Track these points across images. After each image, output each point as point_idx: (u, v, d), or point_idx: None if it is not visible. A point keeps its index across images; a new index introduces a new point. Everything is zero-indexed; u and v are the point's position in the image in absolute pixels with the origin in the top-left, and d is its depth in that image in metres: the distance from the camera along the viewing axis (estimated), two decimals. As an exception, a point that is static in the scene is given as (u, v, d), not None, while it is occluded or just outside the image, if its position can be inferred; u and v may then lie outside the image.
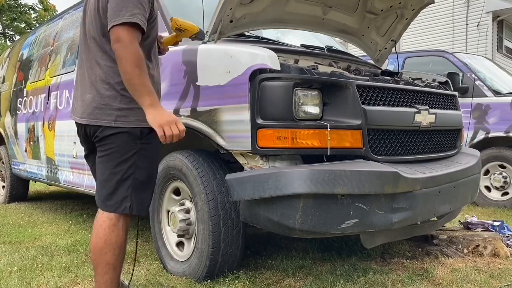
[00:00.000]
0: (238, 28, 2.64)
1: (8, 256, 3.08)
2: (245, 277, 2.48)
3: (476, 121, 5.10)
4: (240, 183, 2.13)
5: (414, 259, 2.87)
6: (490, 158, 5.00)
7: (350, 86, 2.18)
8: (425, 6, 3.05)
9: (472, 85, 5.15)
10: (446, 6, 11.86)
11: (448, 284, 2.41)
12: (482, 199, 5.02)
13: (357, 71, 2.58)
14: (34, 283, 2.50)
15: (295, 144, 2.09)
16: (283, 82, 2.12)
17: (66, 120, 3.95)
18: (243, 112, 2.17)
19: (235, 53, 2.27)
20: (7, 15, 22.40)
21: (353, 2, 2.95)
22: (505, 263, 2.78)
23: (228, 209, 2.38)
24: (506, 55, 12.83)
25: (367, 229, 2.10)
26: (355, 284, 2.42)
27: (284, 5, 2.75)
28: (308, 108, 2.13)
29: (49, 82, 4.43)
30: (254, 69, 2.16)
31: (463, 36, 11.72)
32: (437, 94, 2.79)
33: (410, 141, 2.49)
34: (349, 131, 2.16)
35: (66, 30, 4.49)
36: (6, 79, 5.92)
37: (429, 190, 2.31)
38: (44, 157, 4.43)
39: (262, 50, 2.22)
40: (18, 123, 5.14)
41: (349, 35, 3.29)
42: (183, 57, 2.56)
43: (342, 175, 2.00)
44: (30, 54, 5.37)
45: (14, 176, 5.54)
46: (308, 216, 2.00)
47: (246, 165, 2.25)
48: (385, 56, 3.47)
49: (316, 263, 2.80)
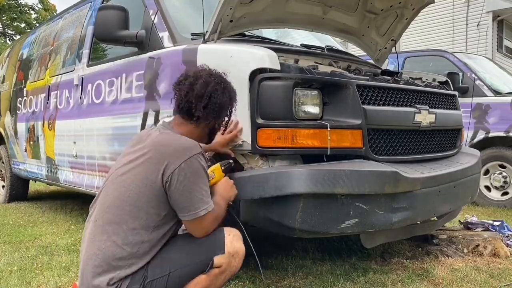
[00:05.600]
0: (238, 28, 2.63)
1: (8, 255, 3.08)
2: (245, 277, 2.48)
3: (476, 121, 5.10)
4: (240, 183, 2.13)
5: (414, 259, 2.87)
6: (490, 158, 5.00)
7: (350, 86, 2.18)
8: (425, 6, 3.05)
9: (472, 85, 5.15)
10: (446, 6, 11.85)
11: (448, 284, 2.41)
12: (482, 199, 5.02)
13: (357, 70, 2.58)
14: (34, 282, 2.50)
15: (295, 144, 2.09)
16: (283, 82, 2.12)
17: (66, 120, 3.95)
18: (243, 111, 2.17)
19: (235, 53, 2.27)
20: (7, 15, 22.38)
21: (353, 2, 2.94)
22: (505, 263, 2.78)
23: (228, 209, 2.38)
24: (506, 55, 12.83)
25: (367, 229, 2.10)
26: (355, 283, 2.42)
27: (284, 5, 2.74)
28: (308, 108, 2.13)
29: (49, 82, 4.43)
30: (254, 68, 2.15)
31: (463, 36, 11.71)
32: (437, 93, 2.78)
33: (410, 140, 2.49)
34: (349, 131, 2.16)
35: (66, 30, 4.48)
36: (6, 79, 5.92)
37: (429, 190, 2.31)
38: (44, 156, 4.43)
39: (262, 50, 2.22)
40: (18, 122, 5.14)
41: (349, 34, 3.29)
42: (183, 57, 2.56)
43: (342, 175, 2.00)
44: (30, 53, 5.37)
45: (14, 176, 5.54)
46: (308, 216, 1.99)
47: (246, 165, 2.25)
48: (385, 55, 3.47)
49: (316, 262, 2.80)
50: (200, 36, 2.57)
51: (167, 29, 2.85)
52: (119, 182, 1.69)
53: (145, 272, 1.62)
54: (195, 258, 1.68)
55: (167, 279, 1.63)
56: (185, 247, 1.71)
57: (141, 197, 1.62)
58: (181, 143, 1.68)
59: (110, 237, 1.61)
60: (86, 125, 3.60)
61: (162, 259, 1.66)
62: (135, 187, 1.64)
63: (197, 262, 1.67)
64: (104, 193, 1.73)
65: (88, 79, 3.66)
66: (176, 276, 1.65)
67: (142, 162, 1.66)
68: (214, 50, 2.41)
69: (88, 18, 3.99)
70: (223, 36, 2.55)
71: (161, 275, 1.63)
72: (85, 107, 3.66)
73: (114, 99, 3.24)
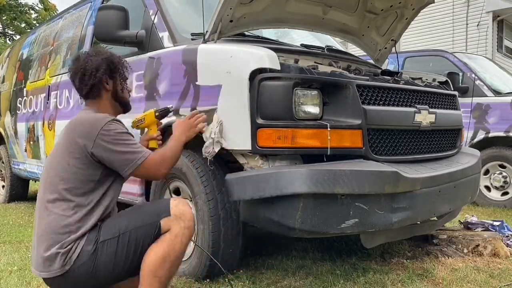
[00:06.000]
0: (238, 28, 2.63)
1: (8, 255, 3.08)
2: (245, 277, 2.48)
3: (476, 121, 5.10)
4: (240, 183, 2.13)
5: (414, 259, 2.87)
6: (490, 158, 5.00)
7: (350, 86, 2.18)
8: (425, 6, 3.05)
9: (472, 85, 5.15)
10: (446, 6, 11.85)
11: (448, 284, 2.41)
12: (482, 199, 5.02)
13: (357, 70, 2.58)
14: (34, 282, 2.50)
15: (295, 144, 2.09)
16: (283, 82, 2.12)
17: (66, 120, 3.94)
18: (243, 111, 2.17)
19: (235, 53, 2.27)
20: (7, 15, 22.37)
21: (353, 2, 2.94)
22: (505, 263, 2.78)
23: (228, 209, 2.38)
24: (506, 55, 12.83)
25: (367, 229, 2.10)
26: (355, 283, 2.42)
27: (284, 5, 2.74)
28: (308, 108, 2.13)
29: (49, 82, 4.43)
30: (253, 68, 2.15)
31: (463, 36, 11.71)
32: (437, 93, 2.78)
33: (410, 140, 2.49)
34: (349, 131, 2.16)
35: (66, 30, 4.48)
36: (6, 79, 5.91)
37: (429, 190, 2.30)
38: (44, 156, 4.42)
39: (262, 50, 2.22)
40: (18, 122, 5.14)
41: (349, 34, 3.29)
42: (183, 57, 2.56)
43: (342, 175, 2.00)
44: (30, 53, 5.37)
45: (14, 176, 5.54)
46: (308, 216, 1.99)
47: (246, 165, 2.25)
48: (385, 55, 3.47)
49: (316, 263, 2.80)
50: (200, 36, 2.57)
51: (167, 29, 2.85)
52: (48, 164, 1.87)
53: (98, 234, 1.77)
54: (143, 221, 1.81)
55: (117, 240, 1.77)
56: (134, 212, 1.89)
57: (69, 169, 1.79)
58: (90, 118, 1.86)
59: (51, 211, 1.76)
60: (86, 125, 3.59)
61: (113, 221, 1.84)
62: (62, 162, 1.80)
63: (144, 224, 1.80)
64: (41, 179, 1.91)
65: (88, 79, 3.65)
66: (126, 238, 1.77)
67: (64, 141, 1.84)
68: (214, 50, 2.41)
69: (88, 18, 3.99)
70: (223, 36, 2.55)
71: (112, 236, 1.77)
72: (85, 107, 3.65)
73: (114, 99, 3.23)
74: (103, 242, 1.76)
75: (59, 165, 1.81)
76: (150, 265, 1.75)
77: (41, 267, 1.74)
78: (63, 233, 1.73)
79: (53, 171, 1.82)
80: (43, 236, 1.75)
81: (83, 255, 1.72)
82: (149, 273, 1.75)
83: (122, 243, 1.77)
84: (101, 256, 1.74)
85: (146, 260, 1.76)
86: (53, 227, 1.74)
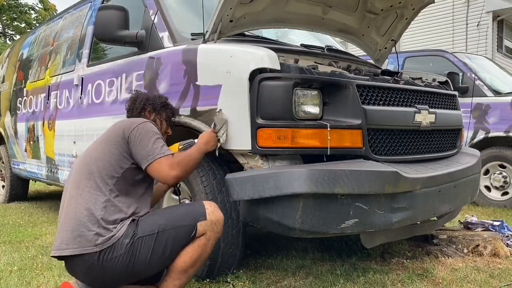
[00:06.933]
0: (238, 28, 2.63)
1: (8, 255, 3.08)
2: (245, 277, 2.48)
3: (476, 121, 5.10)
4: (240, 183, 2.13)
5: (414, 259, 2.87)
6: (490, 158, 5.00)
7: (350, 86, 2.18)
8: (425, 6, 3.05)
9: (472, 85, 5.15)
10: (446, 6, 11.85)
11: (448, 284, 2.41)
12: (482, 199, 5.02)
13: (357, 70, 2.58)
14: (34, 282, 2.50)
15: (295, 144, 2.09)
16: (283, 82, 2.12)
17: (66, 120, 3.95)
18: (243, 111, 2.17)
19: (235, 53, 2.27)
20: (7, 15, 22.37)
21: (353, 2, 2.94)
22: (505, 263, 2.78)
23: (228, 209, 2.38)
24: (506, 55, 12.83)
25: (367, 229, 2.10)
26: (355, 283, 2.42)
27: (284, 5, 2.74)
28: (308, 108, 2.13)
29: (49, 82, 4.43)
30: (253, 68, 2.16)
31: (463, 36, 11.71)
32: (437, 93, 2.78)
33: (410, 140, 2.49)
34: (349, 131, 2.16)
35: (66, 30, 4.48)
36: (6, 79, 5.91)
37: (429, 190, 2.31)
38: (44, 156, 4.43)
39: (262, 50, 2.22)
40: (18, 122, 5.14)
41: (349, 34, 3.29)
42: (183, 57, 2.56)
43: (342, 175, 2.00)
44: (30, 53, 5.37)
45: (14, 176, 5.54)
46: (308, 216, 1.99)
47: (246, 164, 2.25)
48: (385, 55, 3.47)
49: (316, 262, 2.80)
50: (200, 36, 2.57)
51: (167, 29, 2.85)
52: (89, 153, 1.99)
53: (136, 229, 1.83)
54: (181, 222, 1.90)
55: (155, 238, 1.84)
56: (172, 213, 1.97)
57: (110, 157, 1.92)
58: (133, 118, 2.09)
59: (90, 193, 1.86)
60: (86, 125, 3.60)
61: (151, 220, 1.90)
62: (105, 151, 1.93)
63: (183, 226, 1.89)
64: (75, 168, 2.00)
65: (88, 79, 3.66)
66: (163, 237, 1.85)
67: (105, 137, 1.99)
68: (214, 50, 2.41)
69: (88, 18, 3.99)
70: (223, 36, 2.55)
71: (149, 233, 1.84)
72: (85, 107, 3.66)
73: (114, 99, 3.24)
74: (141, 237, 1.82)
75: (101, 154, 1.93)
76: (183, 265, 1.89)
77: (72, 243, 1.77)
78: (102, 212, 1.81)
79: (93, 160, 1.92)
80: (78, 213, 1.81)
81: (120, 245, 1.78)
82: (180, 270, 1.89)
83: (159, 240, 1.84)
84: (137, 251, 1.81)
85: (180, 259, 1.89)
86: (91, 207, 1.81)
